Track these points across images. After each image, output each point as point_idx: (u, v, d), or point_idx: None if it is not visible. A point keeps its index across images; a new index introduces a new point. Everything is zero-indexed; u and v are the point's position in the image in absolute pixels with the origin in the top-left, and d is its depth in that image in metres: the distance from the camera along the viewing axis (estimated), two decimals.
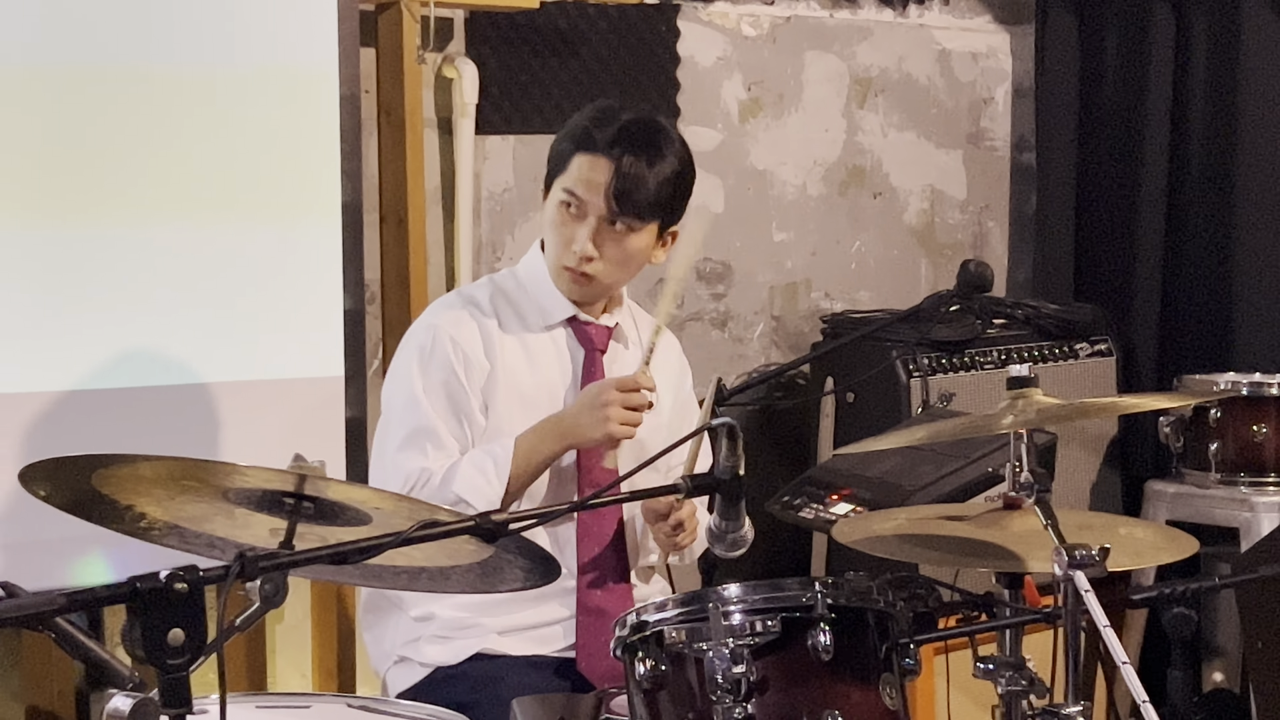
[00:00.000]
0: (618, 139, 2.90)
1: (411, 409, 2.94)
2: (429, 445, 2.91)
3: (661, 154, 2.94)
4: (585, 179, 2.90)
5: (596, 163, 2.90)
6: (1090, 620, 2.33)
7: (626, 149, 2.90)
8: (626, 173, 2.89)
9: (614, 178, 2.88)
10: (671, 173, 2.95)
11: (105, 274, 3.24)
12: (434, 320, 3.00)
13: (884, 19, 4.74)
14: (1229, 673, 4.38)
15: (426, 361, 2.95)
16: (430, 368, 2.94)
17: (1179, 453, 4.23)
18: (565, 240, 2.94)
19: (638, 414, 2.88)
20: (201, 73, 3.32)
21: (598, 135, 2.91)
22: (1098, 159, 4.79)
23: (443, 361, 2.94)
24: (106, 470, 1.99)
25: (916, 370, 4.07)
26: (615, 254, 2.94)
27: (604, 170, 2.89)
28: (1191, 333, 4.61)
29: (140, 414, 3.24)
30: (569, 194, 2.92)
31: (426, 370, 2.95)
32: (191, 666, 1.70)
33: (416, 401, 2.93)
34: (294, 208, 3.46)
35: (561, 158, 2.95)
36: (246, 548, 1.81)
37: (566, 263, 2.95)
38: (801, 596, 2.29)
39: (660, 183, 2.93)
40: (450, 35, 3.98)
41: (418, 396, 2.93)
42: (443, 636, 2.96)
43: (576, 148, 2.93)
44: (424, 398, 2.93)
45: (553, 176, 2.97)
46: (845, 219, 4.71)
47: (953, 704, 3.21)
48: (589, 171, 2.90)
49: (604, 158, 2.90)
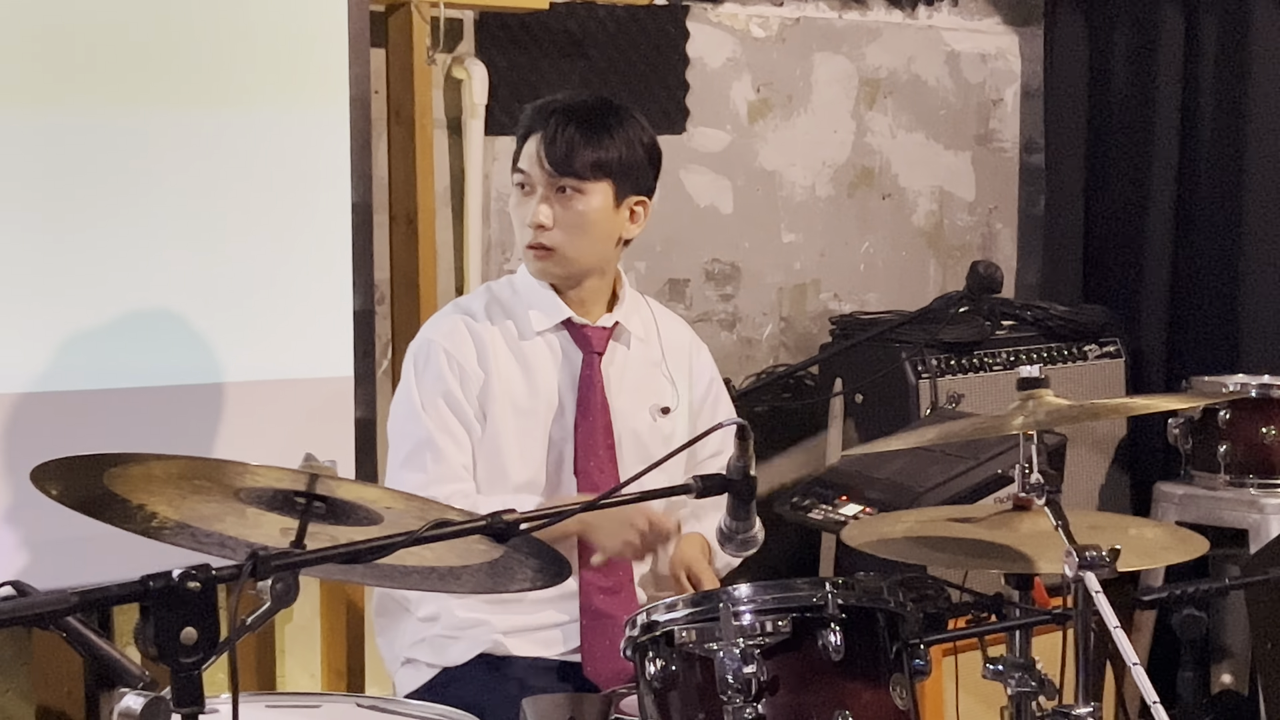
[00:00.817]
0: (552, 113, 2.94)
1: (411, 423, 2.95)
2: (429, 458, 2.92)
3: (598, 115, 2.96)
4: (528, 155, 2.95)
5: (535, 138, 2.94)
6: (1100, 621, 2.33)
7: (559, 117, 2.93)
8: (557, 134, 2.92)
9: (544, 142, 2.92)
10: (614, 132, 2.96)
11: (116, 275, 3.24)
12: (428, 334, 3.01)
13: (893, 20, 4.74)
14: (1238, 674, 4.38)
15: (422, 375, 2.96)
16: (425, 380, 2.95)
17: (1188, 454, 4.23)
18: (523, 219, 2.97)
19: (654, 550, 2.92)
20: (211, 75, 3.33)
21: (536, 117, 2.96)
22: (1106, 160, 4.79)
23: (438, 374, 2.94)
24: (118, 469, 2.00)
25: (925, 371, 4.07)
26: (567, 218, 2.94)
27: (540, 140, 2.93)
28: (1200, 334, 4.61)
29: (151, 414, 3.25)
30: (517, 172, 2.97)
31: (423, 383, 2.96)
32: (204, 665, 1.71)
33: (415, 415, 2.94)
34: (304, 208, 3.46)
35: (515, 155, 3.00)
36: (258, 547, 1.81)
37: (526, 240, 2.97)
38: (812, 597, 2.29)
39: (597, 140, 2.93)
40: (460, 36, 3.98)
41: (416, 411, 2.95)
42: (449, 637, 2.96)
43: (524, 136, 2.98)
44: (422, 412, 2.94)
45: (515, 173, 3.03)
46: (854, 220, 4.71)
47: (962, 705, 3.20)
48: (530, 148, 2.95)
49: (540, 131, 2.94)
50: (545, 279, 3.00)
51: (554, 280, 3.00)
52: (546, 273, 2.99)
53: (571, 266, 2.99)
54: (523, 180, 2.96)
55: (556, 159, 2.91)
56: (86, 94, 3.20)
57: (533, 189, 2.95)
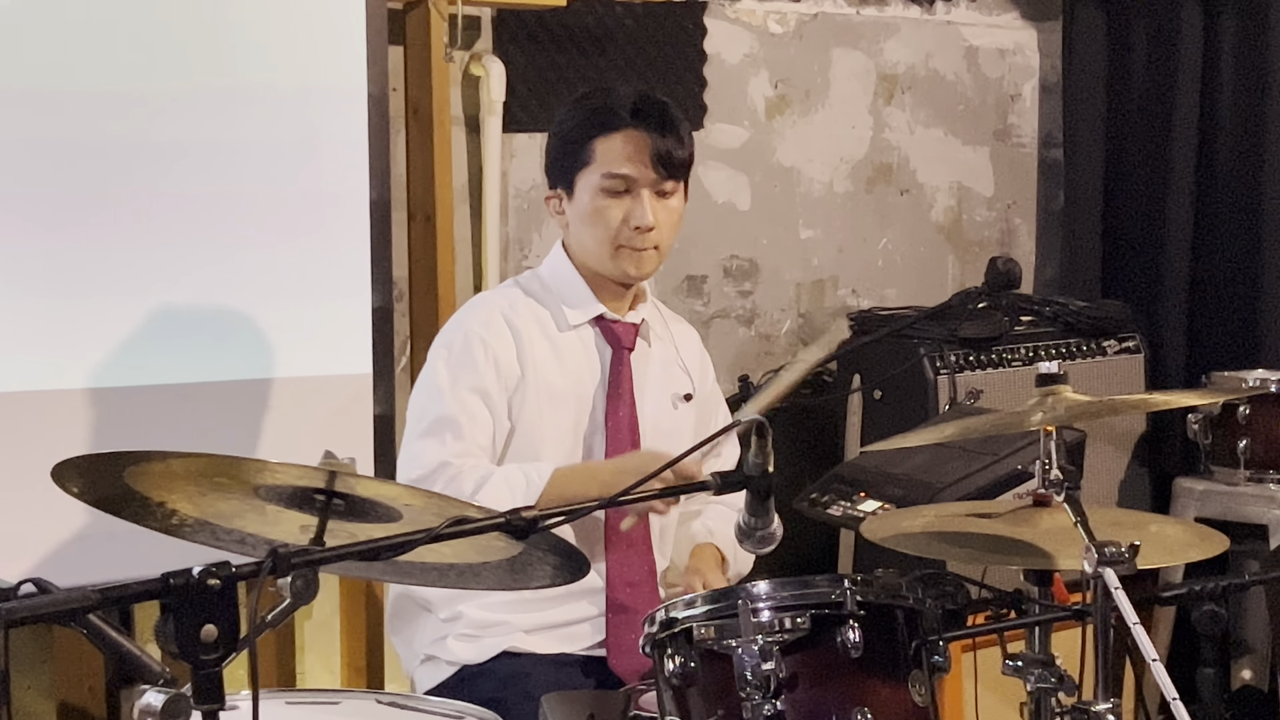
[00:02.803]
0: (636, 110, 2.94)
1: (435, 399, 2.94)
2: (449, 435, 2.90)
3: (672, 112, 3.00)
4: (624, 155, 2.92)
5: (628, 138, 2.93)
6: (1119, 617, 2.32)
7: (651, 117, 2.94)
8: (663, 137, 2.93)
9: (654, 145, 2.92)
10: (685, 129, 3.01)
11: (135, 273, 3.25)
12: (466, 322, 2.99)
13: (911, 15, 4.73)
14: (1258, 670, 4.36)
15: (456, 359, 2.94)
16: (459, 367, 2.94)
17: (1208, 450, 4.22)
18: (617, 220, 2.94)
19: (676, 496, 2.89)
20: (231, 70, 3.33)
21: (614, 114, 2.94)
22: (1125, 155, 4.78)
23: (472, 361, 2.93)
24: (138, 467, 2.00)
25: (944, 367, 4.07)
26: (667, 219, 2.98)
27: (640, 141, 2.92)
28: (1220, 329, 4.60)
29: (171, 411, 3.26)
30: (612, 177, 2.93)
31: (454, 368, 2.94)
32: (224, 662, 1.71)
33: (440, 392, 2.93)
34: (322, 206, 3.47)
35: (578, 150, 2.96)
36: (278, 544, 1.81)
37: (624, 241, 2.95)
38: (831, 593, 2.28)
39: (683, 140, 2.98)
40: (478, 33, 3.98)
41: (442, 388, 2.93)
42: (470, 635, 2.96)
43: (596, 133, 2.94)
44: (448, 391, 2.92)
45: (573, 173, 2.97)
46: (872, 216, 4.71)
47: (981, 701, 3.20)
48: (624, 148, 2.92)
49: (632, 130, 2.93)
50: (640, 276, 3.01)
51: (640, 277, 3.01)
52: (644, 270, 3.00)
53: (660, 262, 3.04)
54: (621, 185, 2.93)
55: (669, 161, 2.94)
56: (108, 92, 3.21)
57: (633, 190, 2.94)
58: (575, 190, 2.97)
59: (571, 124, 2.98)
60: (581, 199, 2.96)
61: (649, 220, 2.93)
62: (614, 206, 2.94)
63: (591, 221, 2.96)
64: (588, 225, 2.97)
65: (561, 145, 3.00)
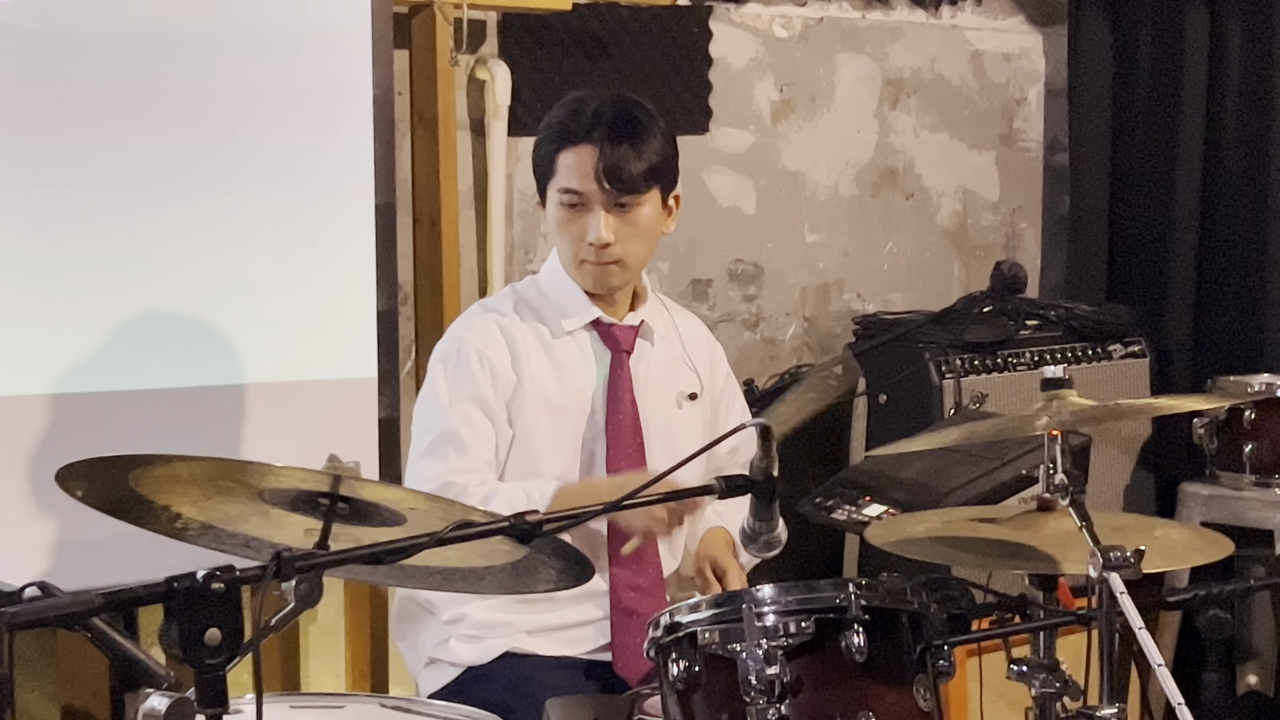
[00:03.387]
0: (594, 124, 2.91)
1: (436, 415, 2.94)
2: (451, 451, 2.91)
3: (640, 123, 2.95)
4: (577, 171, 2.91)
5: (581, 151, 2.91)
6: (1124, 622, 2.32)
7: (605, 130, 2.91)
8: (611, 151, 2.89)
9: (603, 159, 2.89)
10: (656, 138, 2.95)
11: (140, 276, 3.25)
12: (459, 332, 3.00)
13: (916, 20, 4.73)
14: (1263, 675, 4.36)
15: (453, 372, 2.95)
16: (457, 379, 2.94)
17: (1213, 454, 4.22)
18: (577, 235, 2.94)
19: (681, 520, 2.89)
20: (235, 74, 3.33)
21: (574, 127, 2.93)
22: (1131, 159, 4.78)
23: (468, 372, 2.94)
24: (142, 471, 2.00)
25: (949, 372, 4.06)
26: (629, 232, 2.94)
27: (590, 156, 2.90)
28: (1226, 334, 4.60)
29: (175, 415, 3.26)
30: (566, 192, 2.93)
31: (452, 380, 2.95)
32: (229, 666, 1.71)
33: (441, 408, 2.94)
34: (327, 209, 3.46)
35: (547, 161, 2.96)
36: (282, 548, 1.81)
37: (585, 256, 2.95)
38: (835, 598, 2.28)
39: (647, 150, 2.93)
40: (483, 37, 3.98)
41: (442, 403, 2.94)
42: (473, 636, 2.97)
43: (559, 146, 2.94)
44: (449, 406, 2.93)
45: (544, 182, 2.98)
46: (877, 220, 4.70)
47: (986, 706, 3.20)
48: (577, 163, 2.91)
49: (586, 145, 2.91)
50: (604, 290, 3.00)
51: (607, 289, 3.00)
52: (607, 285, 2.99)
53: (630, 274, 3.01)
54: (575, 200, 2.92)
55: (616, 177, 2.90)
56: (107, 97, 3.21)
57: (588, 206, 2.92)
58: (546, 200, 2.99)
59: (543, 134, 2.99)
60: (550, 210, 2.99)
61: (601, 236, 2.91)
62: (573, 221, 2.94)
63: (557, 234, 2.99)
64: (555, 236, 3.01)
65: (536, 154, 3.01)
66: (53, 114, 3.16)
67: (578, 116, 2.93)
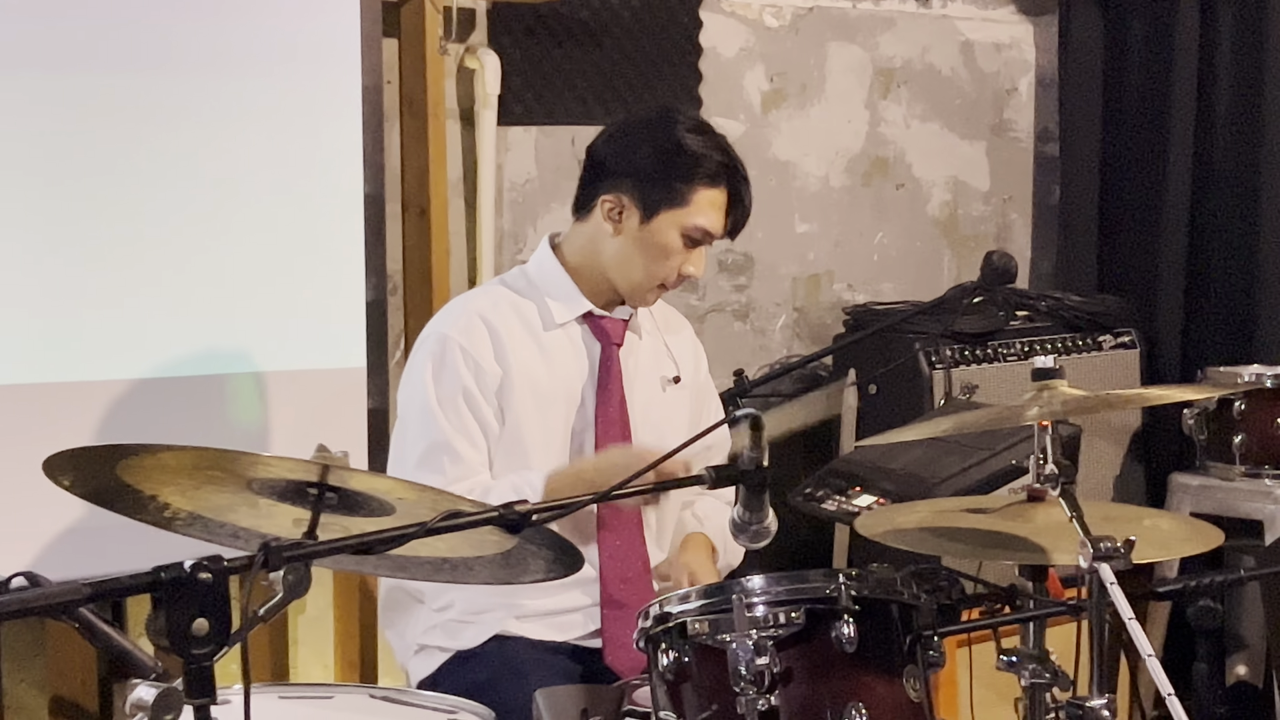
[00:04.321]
0: (734, 170, 2.96)
1: (427, 422, 2.92)
2: (446, 460, 2.90)
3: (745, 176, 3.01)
4: (716, 214, 2.95)
5: (720, 195, 2.95)
6: (1115, 613, 2.32)
7: (738, 180, 2.97)
8: (743, 205, 2.98)
9: (734, 210, 2.96)
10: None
11: (128, 266, 3.25)
12: (443, 329, 2.97)
13: (907, 9, 4.72)
14: (1253, 666, 4.36)
15: (439, 373, 2.93)
16: (443, 378, 2.93)
17: (1203, 445, 4.22)
18: (676, 265, 2.96)
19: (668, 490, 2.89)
20: (225, 65, 3.33)
21: (721, 168, 2.94)
22: (1121, 150, 4.77)
23: (454, 371, 2.92)
24: (130, 460, 2.00)
25: (939, 362, 4.06)
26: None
27: (723, 203, 2.95)
28: (1216, 325, 4.60)
29: (164, 404, 3.25)
30: (700, 230, 2.93)
31: (440, 380, 2.93)
32: (216, 656, 1.70)
33: (432, 414, 2.91)
34: (316, 199, 3.46)
35: (680, 188, 2.91)
36: (270, 538, 1.81)
37: (670, 283, 2.98)
38: (825, 588, 2.28)
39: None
40: (472, 26, 3.97)
41: (433, 409, 2.91)
42: (461, 621, 2.96)
43: (704, 181, 2.92)
44: (439, 410, 2.91)
45: (661, 205, 2.92)
46: (868, 210, 4.70)
47: (976, 696, 3.19)
48: (717, 205, 2.95)
49: (725, 189, 2.95)
50: (646, 306, 3.05)
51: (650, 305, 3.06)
52: (656, 303, 3.06)
53: None
54: (702, 239, 2.94)
55: (735, 230, 3.00)
56: (97, 86, 3.20)
57: (705, 244, 2.96)
58: (655, 220, 2.93)
59: (682, 160, 2.93)
60: (659, 231, 2.93)
61: (702, 270, 3.00)
62: (684, 253, 2.95)
63: (654, 256, 2.94)
64: (647, 255, 2.95)
65: (663, 171, 2.93)
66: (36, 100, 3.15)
67: (725, 155, 2.96)
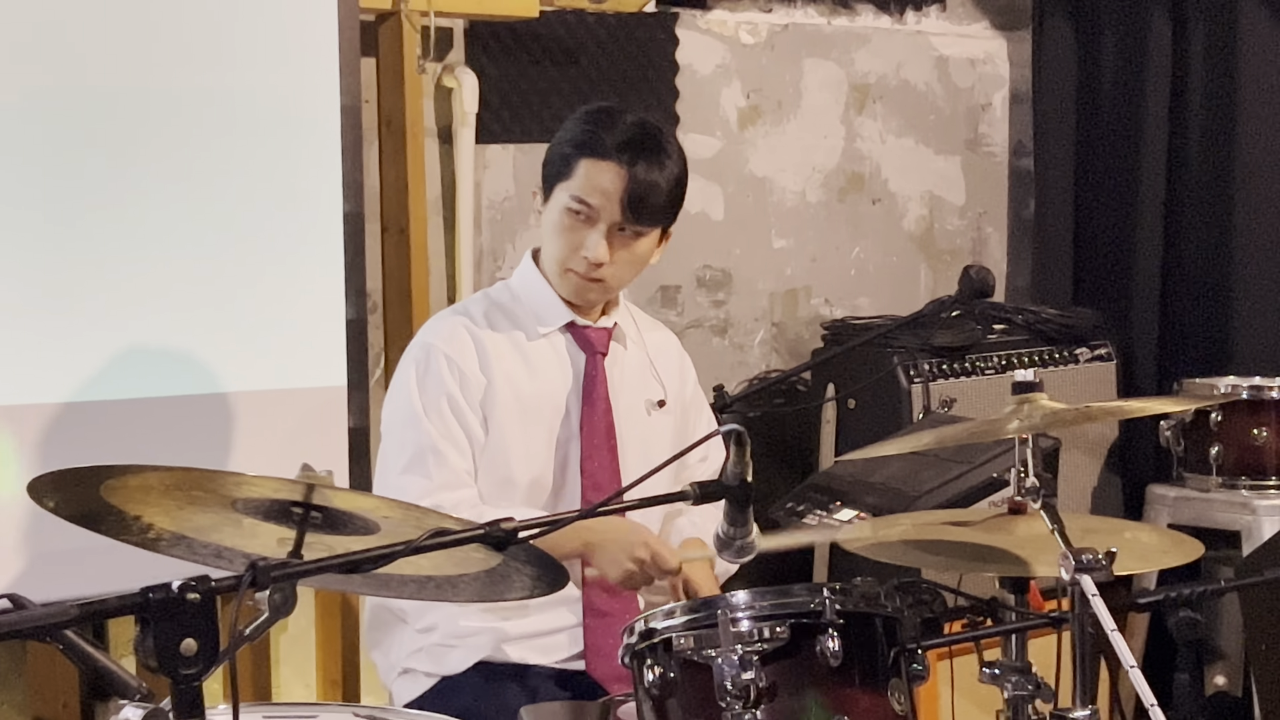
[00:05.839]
0: (627, 144, 2.89)
1: (412, 428, 2.92)
2: (431, 465, 2.89)
3: (670, 157, 2.93)
4: (596, 185, 2.88)
5: (607, 168, 2.88)
6: (1096, 624, 2.33)
7: (638, 155, 2.88)
8: (641, 180, 2.87)
9: (629, 185, 2.87)
10: (676, 177, 2.95)
11: (109, 285, 3.24)
12: (428, 339, 2.98)
13: (882, 26, 4.74)
14: (1231, 676, 4.38)
15: (423, 380, 2.93)
16: (428, 385, 2.93)
17: (1180, 456, 4.24)
18: (573, 245, 2.92)
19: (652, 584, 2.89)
20: (203, 84, 3.32)
21: (605, 139, 2.89)
22: (1096, 164, 4.80)
23: (439, 379, 2.92)
24: (114, 481, 1.99)
25: (917, 376, 4.08)
26: (625, 257, 2.94)
27: (616, 177, 2.87)
28: (1191, 336, 4.62)
29: (146, 425, 3.24)
30: (578, 201, 2.89)
31: (424, 389, 2.93)
32: (204, 676, 1.70)
33: (417, 420, 2.92)
34: (295, 218, 3.45)
35: (564, 162, 2.92)
36: (255, 557, 1.80)
37: (573, 266, 2.93)
38: (810, 603, 2.29)
39: (670, 188, 2.93)
40: (450, 45, 3.98)
41: (418, 415, 2.92)
42: (446, 645, 2.96)
43: (581, 152, 2.90)
44: (424, 417, 2.91)
45: (553, 181, 2.94)
46: (845, 225, 4.72)
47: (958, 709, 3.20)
48: (599, 178, 2.88)
49: (614, 163, 2.87)
50: (579, 302, 3.00)
51: (585, 302, 3.00)
52: (583, 298, 2.99)
53: (608, 295, 3.02)
54: (584, 211, 2.89)
55: (637, 208, 2.88)
56: (80, 103, 3.20)
57: (593, 221, 2.90)
58: (550, 198, 2.95)
59: (570, 133, 2.95)
60: (552, 209, 2.95)
61: (598, 254, 2.90)
62: (574, 230, 2.91)
63: (551, 235, 2.96)
64: (549, 236, 2.97)
65: (555, 150, 2.96)
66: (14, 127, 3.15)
67: (611, 129, 2.90)
